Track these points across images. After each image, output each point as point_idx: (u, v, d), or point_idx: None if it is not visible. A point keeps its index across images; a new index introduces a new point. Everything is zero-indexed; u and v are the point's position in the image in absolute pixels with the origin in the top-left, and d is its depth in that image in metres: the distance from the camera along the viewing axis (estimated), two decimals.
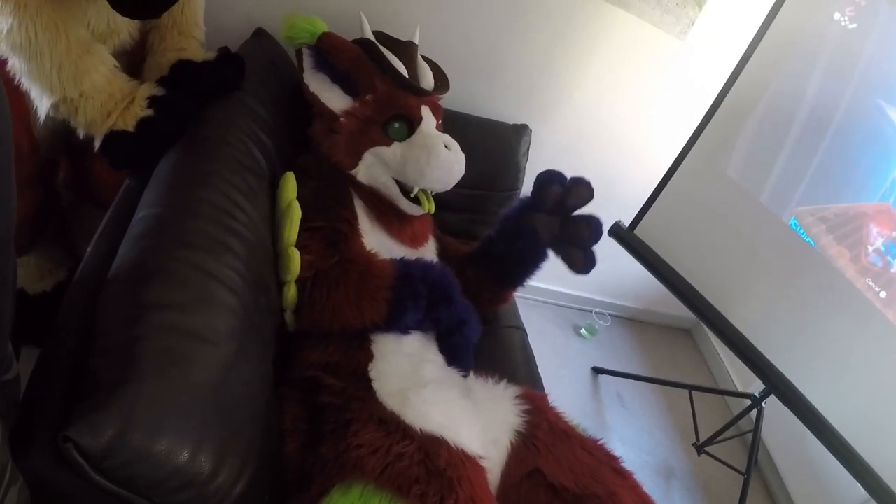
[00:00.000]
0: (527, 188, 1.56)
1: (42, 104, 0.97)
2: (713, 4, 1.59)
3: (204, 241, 0.83)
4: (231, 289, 0.82)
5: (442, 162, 1.19)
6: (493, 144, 1.59)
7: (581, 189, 1.27)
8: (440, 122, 1.32)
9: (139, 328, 0.67)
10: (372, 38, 1.26)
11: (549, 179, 1.26)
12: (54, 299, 1.28)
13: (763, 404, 1.68)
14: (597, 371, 2.15)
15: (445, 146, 1.20)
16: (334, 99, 1.22)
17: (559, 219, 1.29)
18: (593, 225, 1.26)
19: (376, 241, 1.21)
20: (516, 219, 1.31)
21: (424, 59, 1.34)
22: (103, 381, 0.62)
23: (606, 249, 1.71)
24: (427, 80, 1.30)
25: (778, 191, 1.49)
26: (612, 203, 1.71)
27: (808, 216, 1.43)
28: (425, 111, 1.25)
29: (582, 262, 1.29)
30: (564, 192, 1.27)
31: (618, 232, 1.76)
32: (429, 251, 1.36)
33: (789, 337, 1.47)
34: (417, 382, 1.03)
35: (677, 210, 1.69)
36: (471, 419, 1.02)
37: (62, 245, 1.35)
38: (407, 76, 1.24)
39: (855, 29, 1.36)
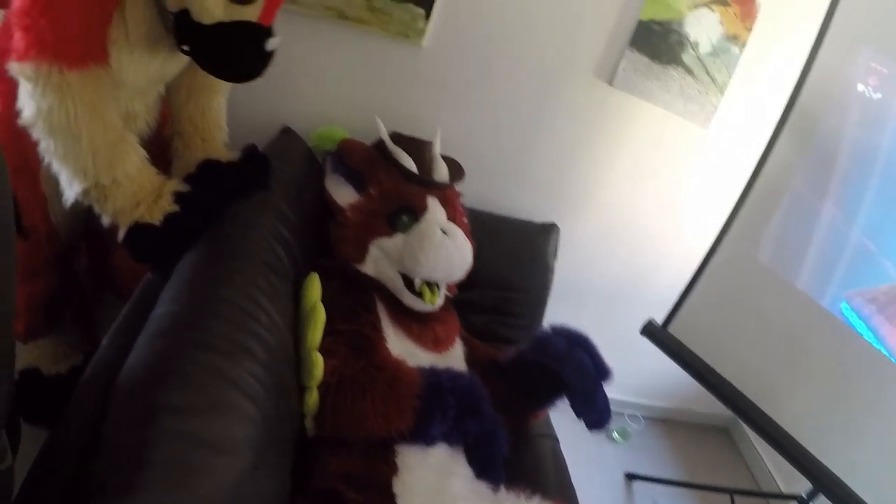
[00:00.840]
0: (555, 289, 1.55)
1: (72, 188, 0.94)
2: (735, 90, 1.59)
3: (223, 343, 0.79)
4: (250, 396, 0.77)
5: (436, 247, 1.17)
6: (520, 244, 1.57)
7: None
8: (463, 217, 1.30)
9: (150, 432, 0.62)
10: (386, 137, 1.29)
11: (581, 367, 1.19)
12: (69, 382, 1.25)
13: None
14: (631, 477, 2.02)
15: (443, 231, 1.18)
16: (344, 195, 1.26)
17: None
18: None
19: (400, 347, 1.17)
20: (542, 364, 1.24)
21: (444, 157, 1.35)
22: (108, 487, 0.57)
23: (639, 349, 1.66)
24: (441, 173, 1.31)
25: (815, 275, 1.44)
26: (644, 300, 1.66)
27: (856, 298, 1.37)
28: (432, 202, 1.25)
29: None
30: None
31: (651, 331, 1.68)
32: (454, 355, 1.30)
33: (837, 431, 1.38)
34: (445, 498, 0.97)
35: (712, 303, 1.62)
36: None
37: (80, 330, 1.33)
38: (416, 170, 1.25)
39: (880, 99, 1.34)
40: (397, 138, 1.32)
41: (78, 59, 0.88)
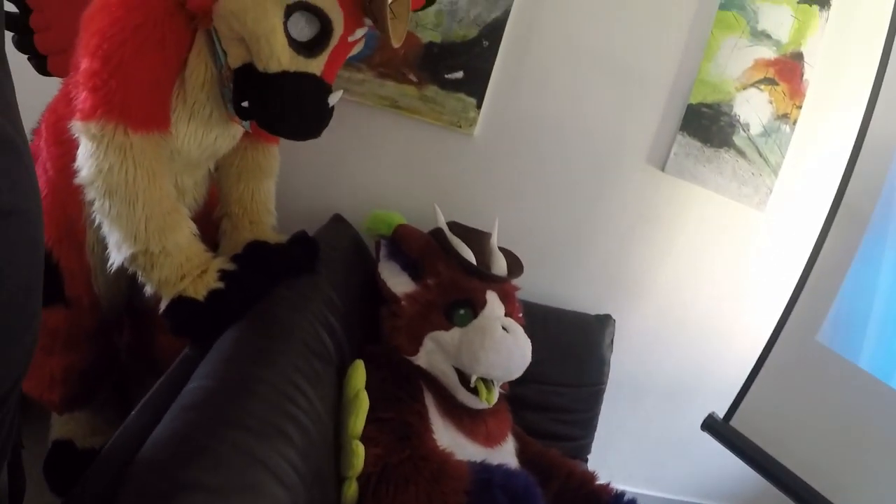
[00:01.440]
0: (611, 383, 1.48)
1: (120, 252, 0.93)
2: (789, 169, 1.55)
3: (257, 424, 0.74)
4: (282, 481, 0.71)
5: (497, 344, 1.12)
6: (575, 338, 1.50)
7: None
8: (519, 314, 1.27)
9: None
10: (444, 227, 1.27)
11: None
12: None
13: None
14: None
15: (504, 328, 1.13)
16: (400, 284, 1.22)
17: None
18: None
19: (448, 439, 1.10)
20: None
21: (501, 249, 1.32)
22: None
23: (700, 445, 1.57)
24: (499, 266, 1.28)
25: (881, 354, 1.33)
26: (703, 392, 1.58)
27: None
28: (491, 296, 1.21)
29: None
30: None
31: (712, 426, 1.58)
32: (506, 451, 1.23)
33: None
34: None
35: (775, 391, 1.52)
36: None
37: (117, 407, 1.30)
38: (474, 262, 1.23)
39: None
40: (455, 228, 1.30)
41: (143, 122, 0.90)
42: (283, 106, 0.90)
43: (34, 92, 0.99)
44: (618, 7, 1.44)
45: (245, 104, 0.92)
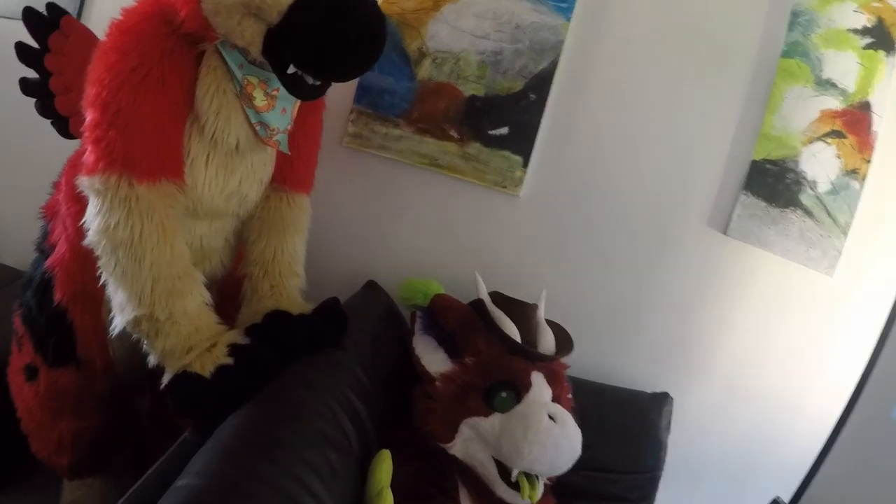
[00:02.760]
0: (668, 467, 1.34)
1: (123, 315, 0.85)
2: (859, 229, 1.41)
3: None
4: None
5: (542, 436, 0.98)
6: (630, 418, 1.36)
7: None
8: (568, 395, 1.14)
9: None
10: (486, 298, 1.15)
11: None
12: None
13: None
14: None
15: (550, 417, 1.00)
16: (435, 362, 1.11)
17: None
18: None
19: None
20: None
21: (549, 322, 1.19)
22: None
23: None
24: (546, 343, 1.15)
25: None
26: (768, 473, 1.43)
27: None
28: (537, 378, 1.08)
29: None
30: None
31: None
32: None
33: None
34: None
35: (847, 474, 1.38)
36: None
37: (136, 476, 1.19)
38: (518, 338, 1.10)
39: None
40: (498, 299, 1.18)
41: (149, 171, 0.83)
42: (324, 18, 0.76)
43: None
44: (673, 55, 1.34)
45: (290, 66, 0.81)
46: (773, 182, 1.40)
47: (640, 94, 1.33)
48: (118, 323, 0.87)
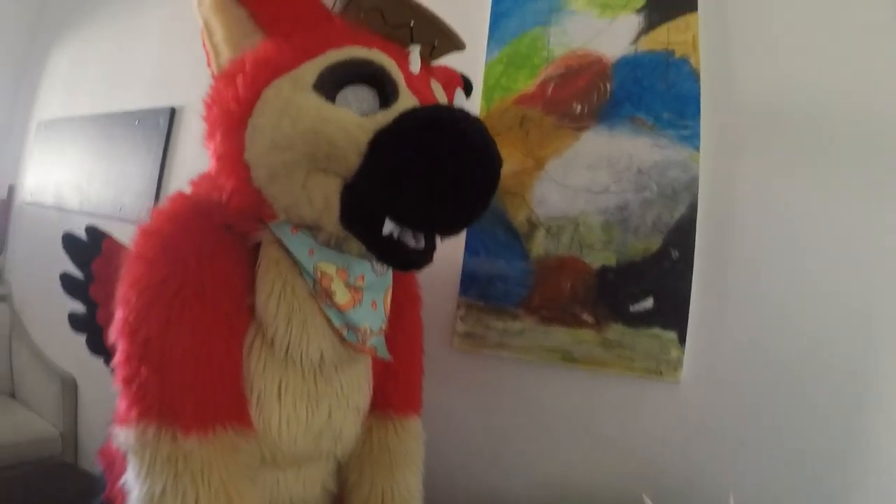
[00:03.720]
0: None
1: None
2: None
3: None
4: None
5: None
6: None
7: None
8: None
9: None
10: None
11: None
12: None
13: None
14: None
15: None
16: None
17: None
18: None
19: None
20: None
21: None
22: None
23: None
24: None
25: None
26: None
27: None
28: None
29: None
30: None
31: None
32: None
33: None
34: None
35: None
36: None
37: None
38: None
39: None
40: None
41: (197, 419, 0.61)
42: (421, 138, 0.59)
43: None
44: (838, 165, 1.05)
45: (387, 225, 0.62)
46: None
47: (805, 224, 1.05)
48: None
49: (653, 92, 1.06)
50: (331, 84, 0.63)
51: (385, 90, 0.64)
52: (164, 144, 1.72)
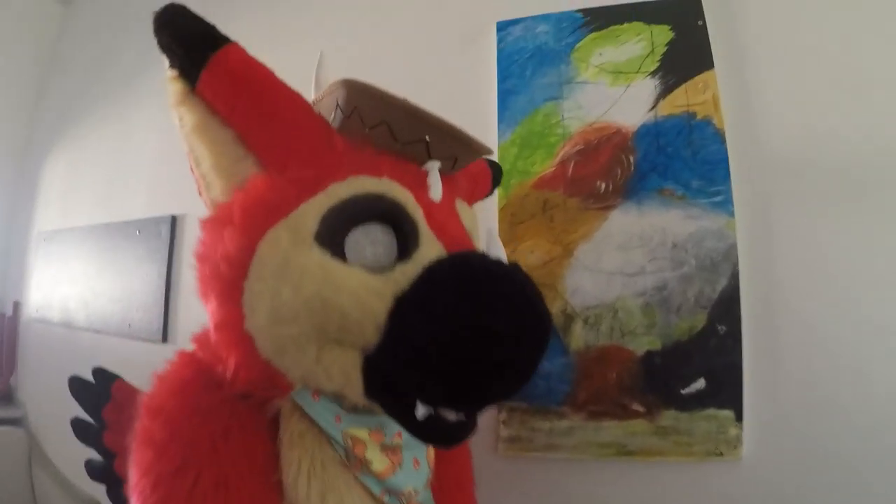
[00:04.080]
0: None
1: None
2: None
3: None
4: None
5: None
6: None
7: None
8: None
9: None
10: None
11: None
12: None
13: None
14: None
15: None
16: None
17: None
18: None
19: None
20: None
21: None
22: None
23: None
24: None
25: None
26: None
27: None
28: None
29: None
30: None
31: None
32: None
33: None
34: None
35: None
36: None
37: None
38: None
39: None
40: None
41: None
42: (457, 299, 0.51)
43: None
44: (881, 209, 1.00)
45: (419, 409, 0.54)
46: None
47: (853, 275, 1.00)
48: None
49: (679, 159, 1.00)
50: (337, 230, 0.55)
51: (403, 231, 0.56)
52: (168, 255, 1.65)
